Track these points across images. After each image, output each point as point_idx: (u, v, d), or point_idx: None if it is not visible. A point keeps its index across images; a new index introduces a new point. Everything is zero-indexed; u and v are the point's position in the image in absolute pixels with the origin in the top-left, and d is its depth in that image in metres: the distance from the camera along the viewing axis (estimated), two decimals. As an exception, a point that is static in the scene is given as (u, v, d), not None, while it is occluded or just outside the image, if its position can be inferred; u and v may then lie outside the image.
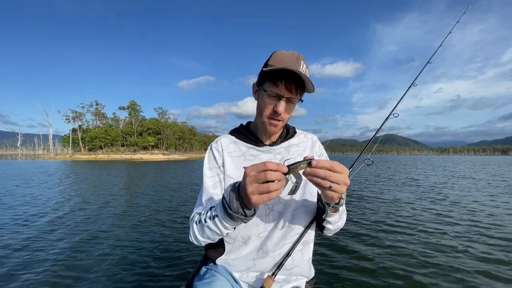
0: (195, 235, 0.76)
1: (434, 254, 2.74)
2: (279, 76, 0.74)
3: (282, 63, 0.72)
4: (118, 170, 16.19)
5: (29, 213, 4.52)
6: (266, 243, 0.83)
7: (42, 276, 2.25)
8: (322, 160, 0.58)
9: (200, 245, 0.78)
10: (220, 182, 0.85)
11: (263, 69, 0.75)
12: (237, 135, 0.92)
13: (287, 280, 0.86)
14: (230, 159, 0.86)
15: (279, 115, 0.77)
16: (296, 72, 0.71)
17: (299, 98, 0.79)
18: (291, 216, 0.84)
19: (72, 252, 2.77)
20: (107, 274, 2.27)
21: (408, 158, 73.10)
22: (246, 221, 0.66)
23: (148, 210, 4.80)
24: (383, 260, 2.60)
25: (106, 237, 3.25)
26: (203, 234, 0.74)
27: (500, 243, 3.09)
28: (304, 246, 0.87)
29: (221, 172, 0.86)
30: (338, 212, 0.74)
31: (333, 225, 0.79)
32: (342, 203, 0.70)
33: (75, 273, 2.31)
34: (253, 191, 0.56)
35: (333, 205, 0.69)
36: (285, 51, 0.76)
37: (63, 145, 65.61)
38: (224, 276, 0.82)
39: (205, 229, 0.72)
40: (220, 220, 0.68)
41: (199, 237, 0.75)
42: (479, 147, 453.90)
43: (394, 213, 4.60)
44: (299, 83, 0.74)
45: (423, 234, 3.41)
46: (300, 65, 0.73)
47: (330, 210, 0.72)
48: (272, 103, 0.77)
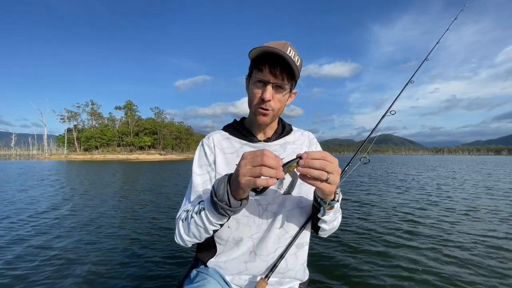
0: (180, 233, 0.72)
1: (430, 257, 2.76)
2: (263, 60, 0.71)
3: (267, 47, 0.70)
4: (113, 170, 16.05)
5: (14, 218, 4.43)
6: (259, 245, 0.79)
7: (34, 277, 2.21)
8: (312, 151, 0.56)
9: (185, 245, 0.74)
10: (210, 180, 0.81)
11: (249, 54, 0.73)
12: (230, 131, 0.88)
13: (280, 283, 0.82)
14: (222, 156, 0.83)
15: (267, 102, 0.73)
16: (279, 54, 0.68)
17: (289, 85, 0.74)
18: (286, 217, 0.80)
19: (58, 254, 2.70)
20: (93, 277, 2.20)
21: (403, 158, 73.72)
22: (231, 214, 0.63)
23: (138, 211, 4.75)
24: (378, 262, 2.61)
25: (93, 240, 3.16)
26: (188, 232, 0.71)
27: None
28: (299, 249, 0.84)
29: (212, 169, 0.82)
30: (334, 209, 0.71)
31: (328, 225, 0.77)
32: (338, 198, 0.68)
33: (60, 274, 2.25)
34: (245, 172, 0.54)
35: (329, 201, 0.67)
36: (274, 42, 0.73)
37: (58, 145, 64.81)
38: (215, 279, 0.78)
39: (190, 226, 0.69)
40: (205, 214, 0.65)
41: (184, 235, 0.72)
42: (473, 147, 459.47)
43: (391, 214, 4.64)
44: (284, 67, 0.70)
45: (420, 237, 3.44)
46: (286, 50, 0.69)
47: (326, 207, 0.69)
48: (259, 91, 0.74)
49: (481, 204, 5.38)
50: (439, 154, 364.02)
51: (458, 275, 2.28)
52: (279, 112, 0.80)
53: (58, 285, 2.10)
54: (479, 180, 10.38)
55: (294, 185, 0.83)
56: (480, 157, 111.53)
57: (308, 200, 0.83)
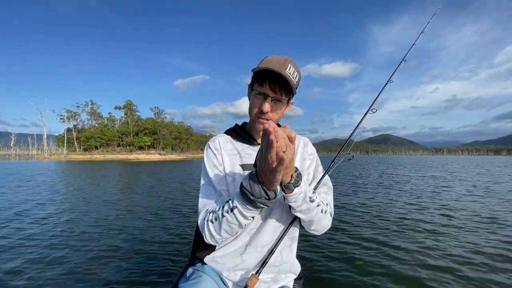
0: (212, 233, 0.75)
1: (421, 252, 2.82)
2: (264, 77, 0.78)
3: (269, 65, 0.77)
4: (113, 170, 16.08)
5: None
6: (255, 238, 0.84)
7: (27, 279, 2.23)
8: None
9: (217, 243, 0.80)
10: (225, 178, 0.85)
11: (252, 69, 0.82)
12: (233, 135, 0.95)
13: (275, 280, 0.87)
14: (227, 157, 0.88)
15: (266, 113, 0.81)
16: (278, 73, 0.75)
17: (286, 99, 0.82)
18: (280, 211, 0.85)
19: (54, 253, 2.71)
20: (89, 277, 2.20)
21: (401, 158, 73.83)
22: (269, 205, 0.67)
23: (136, 210, 4.79)
24: (369, 254, 2.68)
25: (88, 238, 3.17)
26: (220, 231, 0.74)
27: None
28: (292, 242, 0.90)
29: (222, 169, 0.87)
30: (294, 194, 0.69)
31: (303, 215, 0.77)
32: (294, 182, 0.67)
33: (56, 272, 2.27)
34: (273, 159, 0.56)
35: (286, 184, 0.67)
36: (276, 56, 0.81)
37: (58, 145, 64.79)
38: (210, 276, 0.81)
39: (222, 225, 0.72)
40: (239, 211, 0.68)
41: (215, 235, 0.75)
42: (473, 147, 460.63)
43: (382, 211, 4.71)
44: (283, 84, 0.78)
45: (412, 232, 3.51)
46: (286, 67, 0.77)
47: (286, 191, 0.69)
48: (259, 102, 0.81)
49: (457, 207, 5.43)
50: (438, 154, 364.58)
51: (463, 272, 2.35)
52: (277, 121, 0.88)
53: (51, 284, 2.15)
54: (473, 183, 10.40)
55: None
56: (479, 157, 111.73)
57: None
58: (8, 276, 2.21)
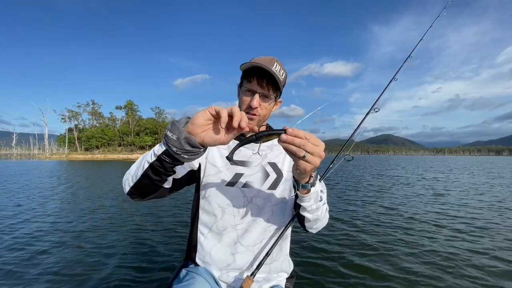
0: (126, 175, 0.74)
1: (414, 252, 2.80)
2: (252, 73, 0.82)
3: (256, 63, 0.80)
4: (113, 170, 16.10)
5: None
6: (245, 236, 0.84)
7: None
8: (298, 130, 0.57)
9: (128, 187, 0.72)
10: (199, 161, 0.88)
11: (240, 66, 0.84)
12: None
13: (267, 279, 0.87)
14: (216, 149, 0.91)
15: (254, 109, 0.83)
16: (265, 69, 0.78)
17: (274, 95, 0.85)
18: (271, 212, 0.86)
19: (47, 252, 2.69)
20: (82, 278, 2.17)
21: (402, 158, 73.69)
22: (187, 157, 0.60)
23: (130, 210, 4.75)
24: (361, 253, 2.66)
25: (83, 239, 3.13)
26: (131, 170, 0.72)
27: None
28: (284, 241, 0.90)
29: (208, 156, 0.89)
30: (311, 195, 0.71)
31: (311, 214, 0.77)
32: (312, 182, 0.68)
33: (49, 272, 2.26)
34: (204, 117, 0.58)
35: (303, 183, 0.68)
36: (263, 56, 0.85)
37: (59, 145, 64.96)
38: (203, 278, 0.81)
39: (136, 161, 0.72)
40: (153, 150, 0.66)
41: (126, 174, 0.74)
42: (474, 148, 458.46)
43: (378, 209, 4.69)
44: (270, 80, 0.81)
45: (403, 231, 3.49)
46: (273, 65, 0.81)
47: (301, 191, 0.70)
48: (247, 98, 0.84)
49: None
50: (439, 154, 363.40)
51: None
52: (265, 118, 0.89)
53: (57, 283, 2.14)
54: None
55: (279, 182, 0.88)
56: (480, 158, 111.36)
57: (293, 197, 0.87)
58: (4, 276, 2.20)
